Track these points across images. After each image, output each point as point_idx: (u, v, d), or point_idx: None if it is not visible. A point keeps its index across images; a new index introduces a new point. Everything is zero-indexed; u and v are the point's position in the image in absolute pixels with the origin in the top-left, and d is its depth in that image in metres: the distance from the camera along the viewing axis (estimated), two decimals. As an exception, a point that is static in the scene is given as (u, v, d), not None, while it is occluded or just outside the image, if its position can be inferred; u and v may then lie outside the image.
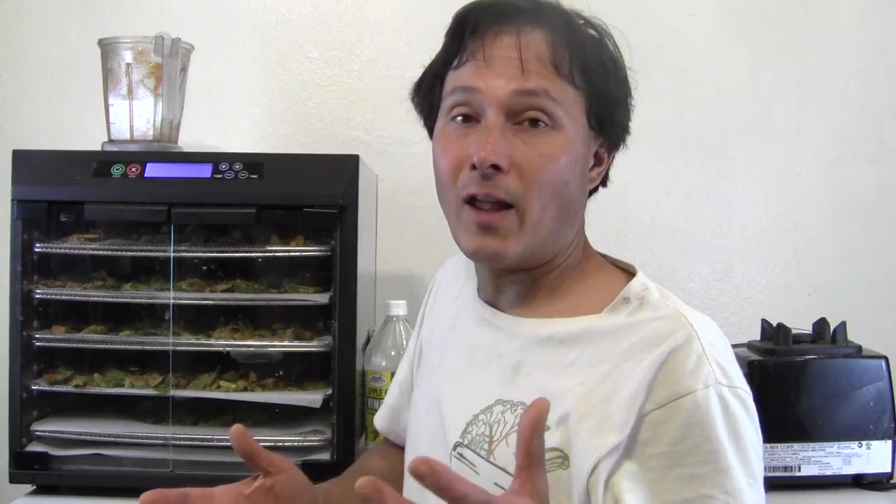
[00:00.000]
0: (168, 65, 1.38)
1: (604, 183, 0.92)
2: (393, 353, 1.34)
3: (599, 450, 0.74)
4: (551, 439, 0.77)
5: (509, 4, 0.83)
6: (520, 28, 0.82)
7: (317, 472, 1.23)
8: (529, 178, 0.80)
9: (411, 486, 0.94)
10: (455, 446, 0.84)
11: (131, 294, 1.33)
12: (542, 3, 0.85)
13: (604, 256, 0.92)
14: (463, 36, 0.84)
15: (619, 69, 0.87)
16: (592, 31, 0.86)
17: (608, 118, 0.86)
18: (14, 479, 1.28)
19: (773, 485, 1.27)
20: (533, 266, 0.86)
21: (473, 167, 0.80)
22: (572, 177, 0.83)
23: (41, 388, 1.31)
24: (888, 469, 1.32)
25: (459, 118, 0.84)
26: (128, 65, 1.38)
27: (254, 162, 1.28)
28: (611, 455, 0.73)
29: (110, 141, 1.41)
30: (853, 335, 1.37)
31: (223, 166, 1.28)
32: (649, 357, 0.75)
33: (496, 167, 0.79)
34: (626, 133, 0.89)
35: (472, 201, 0.82)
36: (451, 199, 0.84)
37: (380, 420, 1.13)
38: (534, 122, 0.81)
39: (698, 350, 0.74)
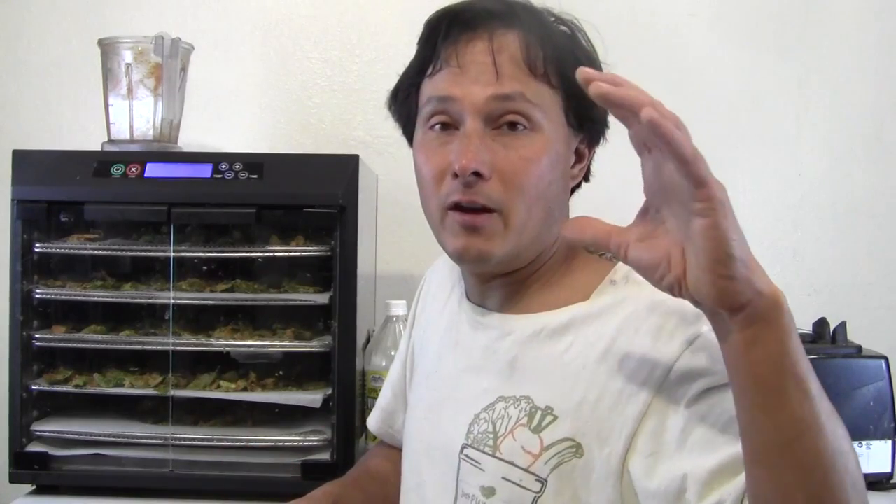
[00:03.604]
0: (168, 65, 1.38)
1: (586, 178, 0.92)
2: (393, 353, 1.34)
3: (627, 425, 0.74)
4: (561, 429, 0.77)
5: (480, 8, 0.83)
6: (492, 32, 0.82)
7: (317, 472, 1.24)
8: (511, 183, 0.81)
9: (409, 488, 0.94)
10: (462, 448, 0.84)
11: (131, 294, 1.33)
12: (512, 4, 0.85)
13: None
14: (436, 43, 0.84)
15: (594, 64, 0.87)
16: (564, 28, 0.87)
17: (586, 114, 0.86)
18: (14, 479, 1.28)
19: (773, 485, 1.28)
20: (518, 268, 0.86)
21: (455, 175, 0.80)
22: (554, 177, 0.83)
23: (41, 388, 1.31)
24: (888, 469, 1.31)
25: (438, 126, 0.84)
26: (128, 65, 1.38)
27: (254, 162, 1.28)
28: (643, 427, 0.73)
29: (110, 141, 1.41)
30: (853, 335, 1.37)
31: (223, 166, 1.28)
32: (647, 324, 0.77)
33: (478, 174, 0.79)
34: (606, 127, 0.89)
35: (455, 207, 0.82)
36: (435, 208, 0.84)
37: (373, 422, 1.13)
38: (512, 126, 0.81)
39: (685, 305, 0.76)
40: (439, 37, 0.84)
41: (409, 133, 0.91)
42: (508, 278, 0.87)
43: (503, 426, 0.81)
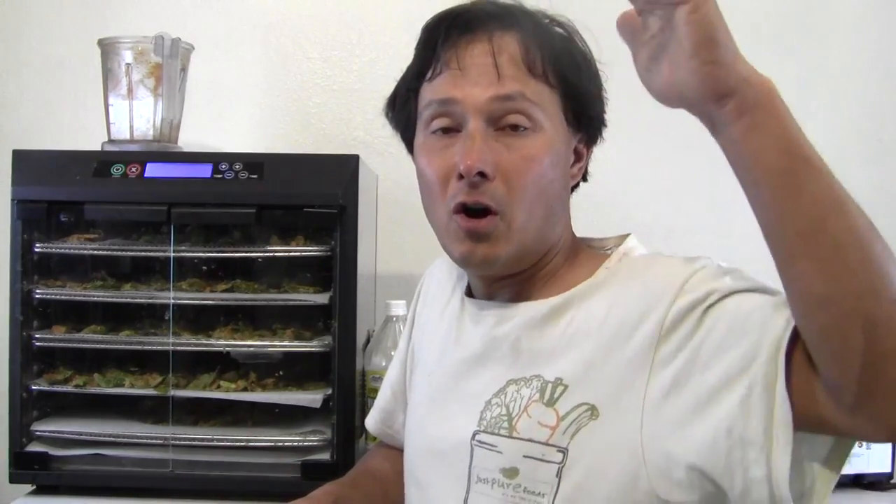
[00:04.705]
0: (168, 65, 1.38)
1: (584, 178, 0.93)
2: (393, 353, 1.34)
3: (638, 375, 0.75)
4: (574, 396, 0.78)
5: (478, 11, 0.84)
6: (491, 34, 0.83)
7: (317, 472, 1.24)
8: (514, 183, 0.82)
9: (413, 486, 0.94)
10: (474, 435, 0.84)
11: (131, 294, 1.33)
12: (509, 6, 0.86)
13: (602, 240, 0.94)
14: (435, 46, 0.85)
15: (590, 64, 0.88)
16: (560, 30, 0.88)
17: (584, 113, 0.87)
18: (14, 479, 1.28)
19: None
20: (523, 269, 0.87)
21: (460, 177, 0.81)
22: (555, 176, 0.85)
23: (41, 388, 1.31)
24: (888, 469, 1.31)
25: (440, 130, 0.85)
26: (128, 65, 1.38)
27: (254, 162, 1.28)
28: (656, 372, 0.74)
29: (110, 141, 1.41)
30: (853, 335, 1.37)
31: (223, 166, 1.28)
32: (642, 282, 0.79)
33: (482, 174, 0.80)
34: (603, 126, 0.91)
35: (461, 210, 0.82)
36: (441, 211, 0.85)
37: (371, 422, 1.13)
38: (514, 126, 0.82)
39: (679, 257, 0.81)
40: (438, 40, 0.84)
41: (407, 139, 0.92)
42: (514, 279, 0.88)
43: (517, 406, 0.82)
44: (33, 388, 1.31)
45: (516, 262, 0.85)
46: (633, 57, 0.68)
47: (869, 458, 1.30)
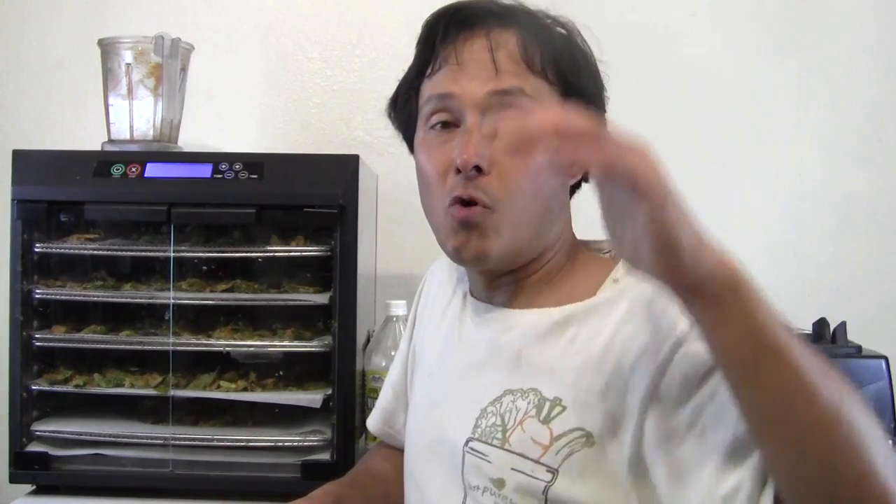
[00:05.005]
0: (168, 65, 1.38)
1: (586, 179, 0.92)
2: (393, 353, 1.34)
3: (635, 413, 0.74)
4: (571, 419, 0.78)
5: (477, 8, 0.84)
6: (489, 30, 0.83)
7: (317, 472, 1.24)
8: (509, 179, 0.81)
9: (413, 486, 0.94)
10: (467, 442, 0.84)
11: (131, 294, 1.33)
12: (508, 4, 0.86)
13: (600, 242, 0.93)
14: (434, 43, 0.85)
15: (590, 63, 0.88)
16: (560, 29, 0.88)
17: (584, 112, 0.86)
18: (14, 479, 1.28)
19: (773, 485, 1.28)
20: (520, 266, 0.87)
21: (458, 171, 0.81)
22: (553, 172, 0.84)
23: (41, 388, 1.31)
24: (888, 469, 1.31)
25: (439, 125, 0.85)
26: (128, 65, 1.38)
27: (254, 162, 1.28)
28: (652, 413, 0.73)
29: (110, 141, 1.41)
30: (853, 335, 1.37)
31: (223, 166, 1.28)
32: (649, 312, 0.77)
33: (478, 169, 0.80)
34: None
35: (456, 203, 0.82)
36: (439, 207, 0.85)
37: (373, 422, 1.13)
38: None
39: None
40: (437, 37, 0.85)
41: (409, 137, 0.92)
42: (513, 276, 0.88)
43: (511, 419, 0.81)
44: (33, 388, 1.31)
45: (510, 258, 0.85)
46: (603, 219, 0.64)
47: (869, 458, 1.30)
